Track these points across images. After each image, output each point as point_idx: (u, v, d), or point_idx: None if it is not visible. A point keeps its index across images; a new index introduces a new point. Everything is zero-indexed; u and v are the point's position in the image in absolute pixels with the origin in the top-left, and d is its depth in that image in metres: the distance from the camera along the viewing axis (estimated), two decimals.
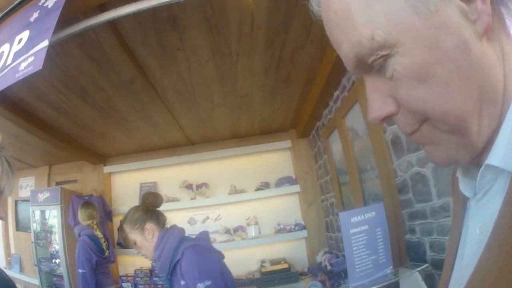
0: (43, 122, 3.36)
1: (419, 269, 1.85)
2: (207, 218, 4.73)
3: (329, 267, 3.69)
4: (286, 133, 4.80)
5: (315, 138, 4.38)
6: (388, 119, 0.55)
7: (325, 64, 2.84)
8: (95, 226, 3.90)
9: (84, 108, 3.17)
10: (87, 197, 4.35)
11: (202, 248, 2.28)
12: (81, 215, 3.93)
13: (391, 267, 2.08)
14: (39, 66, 1.43)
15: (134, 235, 2.30)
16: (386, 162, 2.37)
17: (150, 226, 2.31)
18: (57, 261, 4.00)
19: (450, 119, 0.49)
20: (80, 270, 3.54)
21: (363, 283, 1.98)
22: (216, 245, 4.43)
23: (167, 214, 4.54)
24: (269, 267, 4.18)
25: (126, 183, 4.84)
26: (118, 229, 2.47)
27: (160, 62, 2.57)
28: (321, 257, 4.10)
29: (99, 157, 4.78)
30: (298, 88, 3.39)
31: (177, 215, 4.64)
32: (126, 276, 4.36)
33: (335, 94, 3.20)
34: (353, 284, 1.97)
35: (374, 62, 0.50)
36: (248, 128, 4.47)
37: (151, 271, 4.22)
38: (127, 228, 2.31)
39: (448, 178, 0.74)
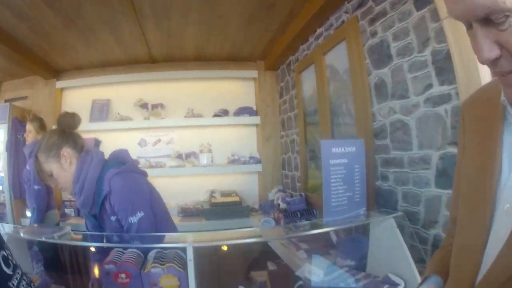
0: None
1: (393, 215, 1.94)
2: (159, 140, 4.74)
3: (282, 206, 3.82)
4: (254, 63, 4.79)
5: (284, 73, 4.43)
6: (494, 60, 0.72)
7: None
8: None
9: (49, 14, 3.01)
10: (24, 123, 4.18)
11: (130, 175, 2.14)
12: (33, 129, 3.80)
13: (364, 208, 2.19)
14: None
15: (49, 165, 2.10)
16: (365, 104, 2.48)
17: (67, 151, 2.10)
18: None
19: None
20: (35, 187, 3.47)
21: (336, 220, 2.08)
22: (165, 170, 4.51)
23: (117, 134, 4.56)
24: (219, 199, 4.26)
25: (78, 100, 4.70)
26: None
27: None
28: (274, 195, 4.26)
29: (53, 71, 4.61)
30: (280, 18, 3.39)
31: (127, 136, 4.65)
32: (69, 201, 4.36)
33: (318, 30, 3.24)
34: (327, 219, 2.06)
35: (495, 17, 0.68)
36: (216, 51, 4.42)
37: None
38: (41, 157, 2.10)
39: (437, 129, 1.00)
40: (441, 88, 1.78)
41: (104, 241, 2.03)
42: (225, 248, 3.20)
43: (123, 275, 1.67)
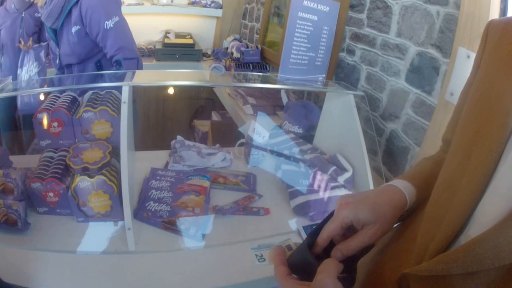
0: None
1: (353, 92, 1.77)
2: None
3: (235, 55, 3.69)
4: None
5: None
6: None
7: None
8: None
9: None
10: None
11: None
12: None
13: (324, 75, 2.04)
14: None
15: None
16: None
17: None
18: None
19: None
20: None
21: (292, 79, 1.93)
22: (123, 8, 4.12)
23: None
24: (172, 39, 4.02)
25: None
26: None
27: None
28: (229, 43, 4.05)
29: None
30: None
31: None
32: None
33: None
34: (282, 75, 1.90)
35: None
36: None
37: None
38: None
39: None
40: None
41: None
42: (170, 91, 3.04)
43: (55, 124, 1.45)
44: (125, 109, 1.33)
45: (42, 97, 1.71)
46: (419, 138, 1.65)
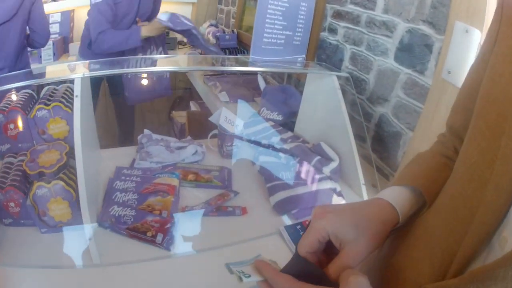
0: None
1: (337, 73, 1.60)
2: None
3: (212, 41, 3.55)
4: None
5: None
6: None
7: None
8: None
9: None
10: None
11: None
12: None
13: (304, 55, 1.87)
14: None
15: None
16: None
17: None
18: None
19: None
20: None
21: (267, 61, 1.75)
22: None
23: None
24: None
25: None
26: None
27: None
28: (205, 29, 3.92)
29: None
30: None
31: None
32: None
33: None
34: (254, 57, 1.72)
35: None
36: None
37: None
38: None
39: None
40: None
41: None
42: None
43: (11, 125, 1.28)
44: (77, 104, 1.15)
45: (14, 97, 1.52)
46: (412, 121, 1.50)
